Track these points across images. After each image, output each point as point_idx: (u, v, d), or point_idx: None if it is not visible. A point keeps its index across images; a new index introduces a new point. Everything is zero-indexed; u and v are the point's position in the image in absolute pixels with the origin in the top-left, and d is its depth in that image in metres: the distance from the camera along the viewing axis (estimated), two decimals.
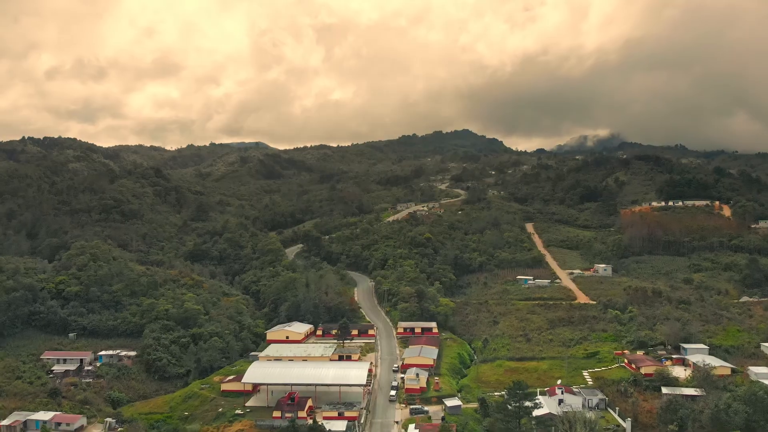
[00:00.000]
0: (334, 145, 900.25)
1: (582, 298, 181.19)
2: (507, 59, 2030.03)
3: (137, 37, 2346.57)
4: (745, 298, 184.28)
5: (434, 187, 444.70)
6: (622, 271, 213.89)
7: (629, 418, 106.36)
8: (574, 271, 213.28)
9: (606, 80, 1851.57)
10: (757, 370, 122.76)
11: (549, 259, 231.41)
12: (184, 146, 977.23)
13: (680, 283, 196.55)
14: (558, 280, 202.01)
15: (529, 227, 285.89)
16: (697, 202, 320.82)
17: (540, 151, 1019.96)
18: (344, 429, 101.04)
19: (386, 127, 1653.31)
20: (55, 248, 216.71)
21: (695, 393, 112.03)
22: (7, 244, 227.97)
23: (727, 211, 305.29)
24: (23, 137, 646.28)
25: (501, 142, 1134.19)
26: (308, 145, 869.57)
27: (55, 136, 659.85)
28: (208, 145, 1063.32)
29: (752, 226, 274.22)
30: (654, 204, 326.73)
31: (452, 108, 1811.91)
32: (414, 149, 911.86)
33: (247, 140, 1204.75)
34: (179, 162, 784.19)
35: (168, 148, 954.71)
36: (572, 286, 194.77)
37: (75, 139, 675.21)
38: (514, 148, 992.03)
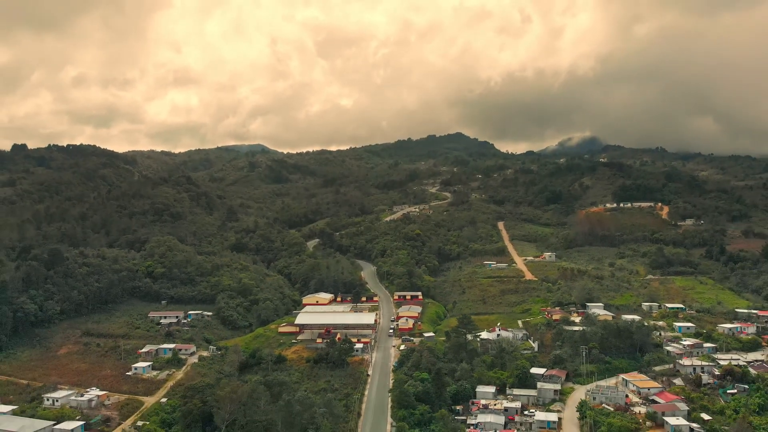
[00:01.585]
0: (334, 149, 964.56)
1: (528, 276, 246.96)
2: (496, 74, 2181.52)
3: (164, 54, 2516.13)
4: (649, 276, 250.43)
5: (426, 191, 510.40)
6: (564, 258, 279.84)
7: (537, 341, 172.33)
8: (528, 257, 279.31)
9: (585, 91, 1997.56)
10: (627, 316, 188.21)
11: (510, 249, 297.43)
12: (192, 149, 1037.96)
13: (606, 266, 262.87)
14: (514, 264, 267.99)
15: (501, 225, 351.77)
16: (643, 204, 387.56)
17: (528, 153, 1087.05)
18: (362, 347, 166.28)
19: (384, 131, 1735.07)
20: (131, 243, 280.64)
21: (580, 328, 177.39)
22: (90, 240, 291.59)
23: (665, 211, 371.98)
24: (49, 145, 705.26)
25: (492, 144, 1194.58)
26: (310, 150, 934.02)
27: (71, 140, 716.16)
28: (214, 148, 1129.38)
29: (679, 223, 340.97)
30: (608, 205, 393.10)
31: (447, 115, 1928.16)
32: (409, 153, 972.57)
33: (248, 143, 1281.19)
34: (190, 166, 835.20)
35: (176, 151, 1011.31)
36: (524, 268, 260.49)
37: (95, 145, 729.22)
38: (504, 151, 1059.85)
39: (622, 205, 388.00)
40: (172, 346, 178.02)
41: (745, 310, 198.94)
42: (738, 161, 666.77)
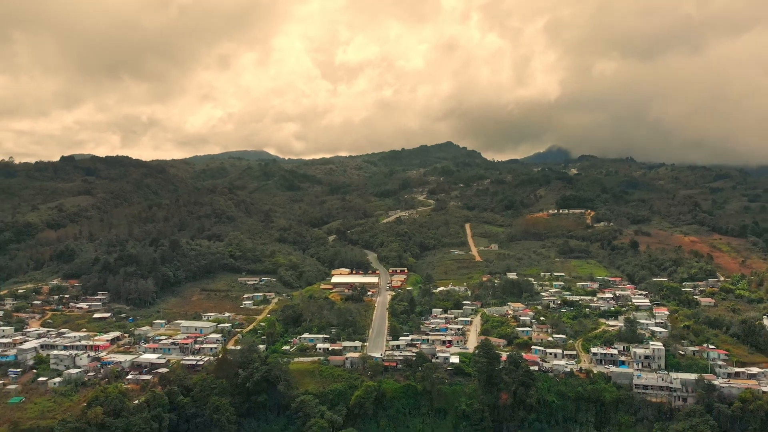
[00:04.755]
0: (331, 155, 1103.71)
1: (477, 259, 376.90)
2: (478, 99, 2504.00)
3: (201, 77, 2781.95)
4: (556, 259, 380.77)
5: (415, 198, 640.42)
6: (505, 248, 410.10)
7: (470, 291, 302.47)
8: (480, 248, 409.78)
9: (554, 113, 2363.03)
10: (527, 278, 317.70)
11: (470, 242, 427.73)
12: (202, 154, 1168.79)
13: (530, 252, 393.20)
14: (470, 252, 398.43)
15: (467, 225, 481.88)
16: (576, 210, 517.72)
17: (512, 161, 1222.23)
18: (371, 293, 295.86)
19: (381, 141, 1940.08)
20: (209, 237, 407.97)
21: (495, 283, 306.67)
22: (176, 235, 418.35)
23: (590, 216, 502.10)
24: (91, 156, 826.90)
25: (479, 153, 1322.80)
26: (315, 158, 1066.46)
27: (95, 146, 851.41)
28: (224, 154, 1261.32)
29: (595, 225, 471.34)
30: (550, 211, 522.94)
31: (438, 129, 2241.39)
32: (402, 162, 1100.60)
33: (252, 149, 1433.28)
34: (209, 174, 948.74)
35: (189, 155, 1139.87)
36: (476, 254, 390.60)
37: (128, 156, 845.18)
38: (490, 159, 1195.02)
39: (560, 211, 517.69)
40: (261, 294, 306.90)
41: (602, 277, 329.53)
42: (694, 171, 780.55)
